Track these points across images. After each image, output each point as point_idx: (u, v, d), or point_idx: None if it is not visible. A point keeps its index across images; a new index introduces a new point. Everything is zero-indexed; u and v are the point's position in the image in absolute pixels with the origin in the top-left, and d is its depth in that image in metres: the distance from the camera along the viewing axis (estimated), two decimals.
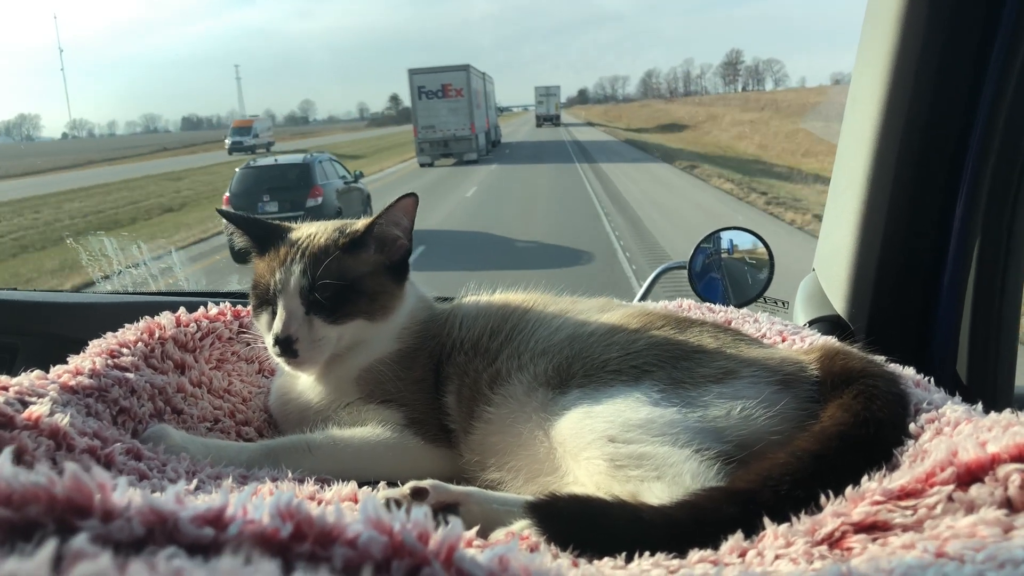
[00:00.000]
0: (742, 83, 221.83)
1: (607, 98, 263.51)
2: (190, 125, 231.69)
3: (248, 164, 19.22)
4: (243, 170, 18.61)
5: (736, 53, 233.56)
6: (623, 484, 1.28)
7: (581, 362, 1.54)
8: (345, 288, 1.72)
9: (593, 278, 13.44)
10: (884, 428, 1.27)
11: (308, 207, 16.82)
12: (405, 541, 0.65)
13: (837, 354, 1.49)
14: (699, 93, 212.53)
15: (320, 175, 18.33)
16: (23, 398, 1.32)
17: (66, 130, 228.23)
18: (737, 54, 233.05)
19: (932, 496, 0.99)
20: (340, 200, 18.33)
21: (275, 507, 0.66)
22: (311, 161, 18.66)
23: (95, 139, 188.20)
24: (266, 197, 17.53)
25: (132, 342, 1.74)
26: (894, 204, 1.96)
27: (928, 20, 1.79)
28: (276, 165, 19.20)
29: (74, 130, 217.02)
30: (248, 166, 18.99)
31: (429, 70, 39.21)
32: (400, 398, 1.72)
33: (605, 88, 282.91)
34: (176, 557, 0.56)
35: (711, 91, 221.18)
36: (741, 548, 1.02)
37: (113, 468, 1.31)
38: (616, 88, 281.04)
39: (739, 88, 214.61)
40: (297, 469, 1.51)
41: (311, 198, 17.50)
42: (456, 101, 38.51)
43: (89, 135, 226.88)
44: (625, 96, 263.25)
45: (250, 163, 19.46)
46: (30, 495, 0.61)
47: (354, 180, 20.30)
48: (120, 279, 5.16)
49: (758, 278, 2.67)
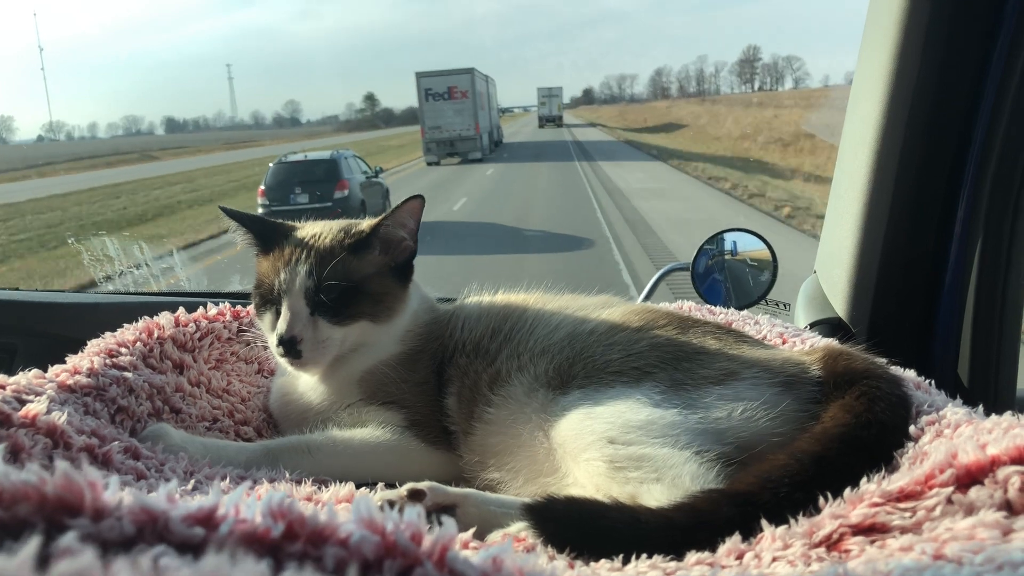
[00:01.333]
0: (759, 82, 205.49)
1: (614, 98, 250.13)
2: (175, 127, 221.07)
3: (280, 160, 20.83)
4: (276, 165, 20.31)
5: (753, 50, 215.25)
6: (622, 486, 1.27)
7: (582, 363, 1.54)
8: (350, 289, 1.71)
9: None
10: (886, 430, 1.26)
11: (336, 199, 18.71)
12: (398, 541, 0.65)
13: (839, 355, 1.48)
14: (710, 93, 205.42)
15: (346, 170, 19.98)
16: (20, 396, 1.32)
17: (42, 132, 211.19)
18: (754, 51, 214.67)
19: (931, 498, 0.98)
20: (363, 193, 19.96)
21: (267, 507, 0.65)
22: (338, 157, 20.33)
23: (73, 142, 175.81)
24: (297, 189, 19.18)
25: (131, 342, 1.74)
26: (895, 206, 1.95)
27: (929, 21, 1.79)
28: (306, 161, 20.85)
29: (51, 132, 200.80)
30: (280, 161, 20.61)
31: (435, 73, 40.80)
32: (402, 400, 1.72)
33: (612, 87, 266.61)
34: (163, 556, 0.56)
35: (726, 91, 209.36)
36: (739, 550, 1.02)
37: (111, 467, 1.31)
38: (624, 87, 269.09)
39: (755, 87, 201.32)
40: (296, 470, 1.51)
41: (338, 190, 19.14)
42: (461, 103, 40.14)
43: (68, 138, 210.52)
44: (632, 96, 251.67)
45: (282, 159, 20.96)
46: (20, 494, 0.61)
47: (375, 175, 21.97)
48: (122, 279, 5.16)
49: (760, 280, 2.66)
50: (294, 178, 19.59)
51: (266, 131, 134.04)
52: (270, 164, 20.74)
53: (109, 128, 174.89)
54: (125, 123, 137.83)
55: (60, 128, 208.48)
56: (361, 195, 19.66)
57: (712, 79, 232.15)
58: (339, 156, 20.52)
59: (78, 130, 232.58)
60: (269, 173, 20.00)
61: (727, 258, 2.77)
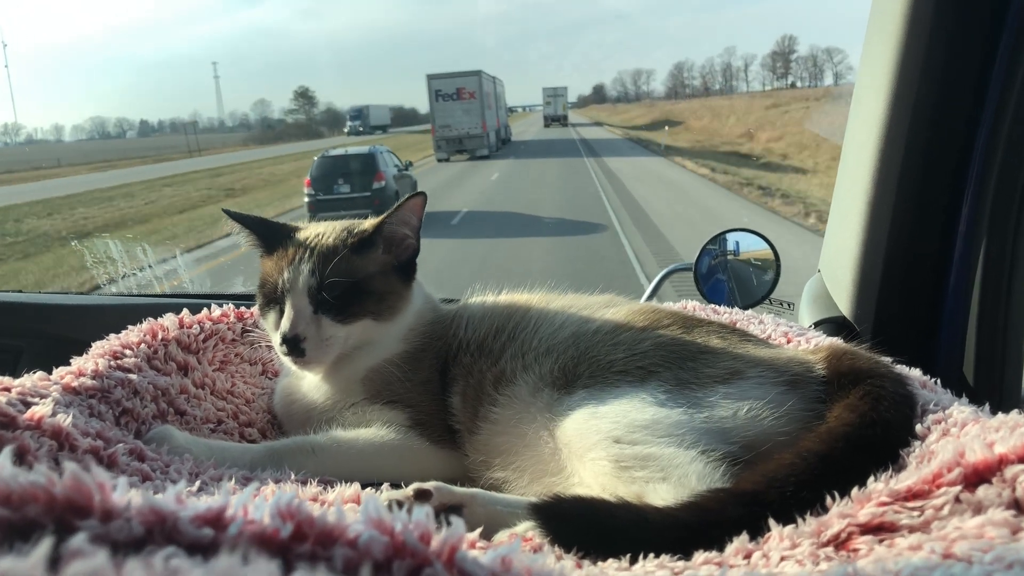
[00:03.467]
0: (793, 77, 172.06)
1: (627, 97, 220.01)
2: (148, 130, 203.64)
3: (324, 154, 23.05)
4: (321, 159, 22.39)
5: (789, 41, 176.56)
6: (628, 485, 1.27)
7: (587, 363, 1.54)
8: (353, 287, 1.72)
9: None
10: (891, 429, 1.26)
11: (374, 189, 20.86)
12: (407, 541, 0.65)
13: (844, 354, 1.48)
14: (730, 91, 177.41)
15: (382, 163, 22.03)
16: (25, 399, 1.32)
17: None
18: (790, 42, 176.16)
19: (939, 497, 0.98)
20: (397, 184, 21.87)
21: (275, 507, 0.65)
22: (375, 152, 22.54)
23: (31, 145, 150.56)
24: (340, 180, 21.31)
25: (135, 344, 1.74)
26: (899, 205, 1.95)
27: (933, 18, 1.79)
28: (347, 155, 23.00)
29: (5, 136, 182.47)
30: (324, 156, 22.79)
31: (445, 75, 43.68)
32: (406, 399, 1.72)
33: (626, 84, 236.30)
34: (174, 557, 0.56)
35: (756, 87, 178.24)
36: (746, 550, 1.01)
37: (116, 468, 1.31)
38: (639, 84, 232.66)
39: (788, 83, 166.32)
40: (301, 471, 1.51)
41: (376, 181, 21.18)
42: (469, 103, 42.70)
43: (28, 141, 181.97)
44: (647, 93, 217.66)
45: (325, 153, 23.28)
46: (29, 495, 0.61)
47: (405, 168, 24.26)
48: (125, 282, 5.17)
49: (764, 280, 2.66)
50: (336, 171, 21.56)
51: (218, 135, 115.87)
52: (314, 158, 22.96)
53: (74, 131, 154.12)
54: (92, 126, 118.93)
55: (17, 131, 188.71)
56: (395, 186, 21.55)
57: (742, 73, 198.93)
58: (376, 151, 22.59)
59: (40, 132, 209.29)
60: (314, 166, 22.03)
61: (730, 258, 2.78)
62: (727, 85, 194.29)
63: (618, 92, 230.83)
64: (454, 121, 43.00)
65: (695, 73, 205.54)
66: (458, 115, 42.94)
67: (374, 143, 29.07)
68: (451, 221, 21.24)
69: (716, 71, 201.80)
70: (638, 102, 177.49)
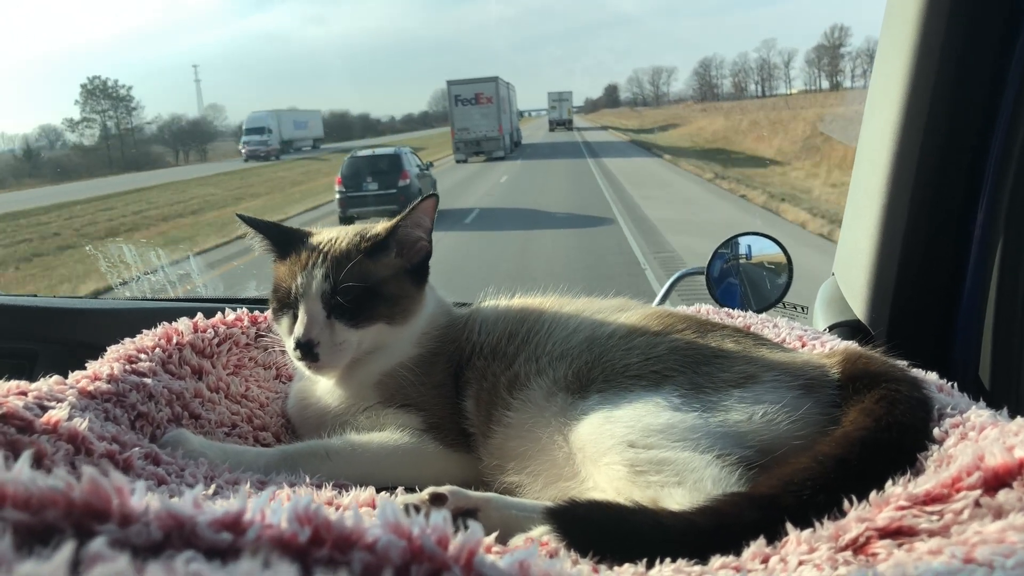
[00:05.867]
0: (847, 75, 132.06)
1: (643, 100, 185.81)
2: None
3: (353, 154, 25.44)
4: (351, 159, 24.74)
5: (841, 31, 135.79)
6: (643, 490, 1.26)
7: (601, 367, 1.53)
8: (367, 292, 1.72)
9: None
10: (907, 433, 1.25)
11: (400, 186, 22.71)
12: (424, 546, 0.65)
13: (859, 358, 1.47)
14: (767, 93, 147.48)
15: (407, 163, 24.23)
16: (42, 403, 1.33)
17: None
18: (842, 32, 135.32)
19: (959, 501, 0.97)
20: (419, 183, 23.75)
21: (293, 511, 0.65)
22: (400, 152, 24.92)
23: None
24: (369, 178, 23.27)
25: (150, 348, 1.74)
26: (914, 208, 1.94)
27: (948, 21, 1.78)
28: (375, 155, 25.24)
29: None
30: (353, 156, 25.16)
31: (464, 81, 47.15)
32: (419, 403, 1.72)
33: (643, 84, 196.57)
34: (194, 561, 0.56)
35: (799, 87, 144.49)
36: (764, 554, 1.01)
37: (131, 472, 1.31)
38: (659, 83, 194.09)
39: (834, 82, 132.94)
40: (315, 474, 1.51)
41: (401, 180, 23.11)
42: (487, 107, 45.78)
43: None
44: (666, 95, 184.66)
45: (354, 154, 25.62)
46: (48, 499, 0.61)
47: (426, 168, 26.52)
48: (139, 285, 5.18)
49: (777, 283, 2.65)
50: (365, 169, 23.64)
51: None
52: (345, 158, 25.28)
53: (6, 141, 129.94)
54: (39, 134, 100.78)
55: None
56: (418, 183, 23.40)
57: (782, 70, 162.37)
58: (401, 152, 25.10)
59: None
60: (344, 165, 24.17)
61: (742, 262, 2.77)
62: (766, 86, 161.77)
63: (633, 94, 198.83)
64: (472, 124, 45.77)
65: (725, 71, 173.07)
66: (476, 119, 45.71)
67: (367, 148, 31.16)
68: (465, 219, 21.75)
69: (752, 68, 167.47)
70: (657, 106, 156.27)
